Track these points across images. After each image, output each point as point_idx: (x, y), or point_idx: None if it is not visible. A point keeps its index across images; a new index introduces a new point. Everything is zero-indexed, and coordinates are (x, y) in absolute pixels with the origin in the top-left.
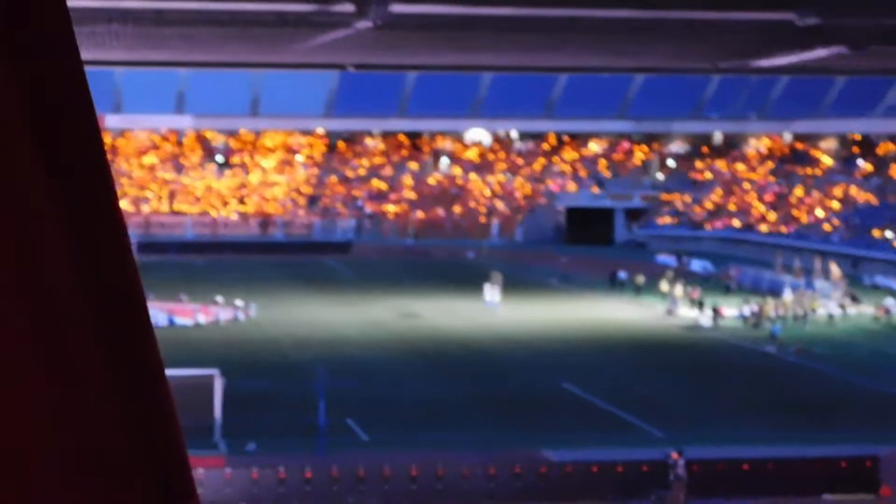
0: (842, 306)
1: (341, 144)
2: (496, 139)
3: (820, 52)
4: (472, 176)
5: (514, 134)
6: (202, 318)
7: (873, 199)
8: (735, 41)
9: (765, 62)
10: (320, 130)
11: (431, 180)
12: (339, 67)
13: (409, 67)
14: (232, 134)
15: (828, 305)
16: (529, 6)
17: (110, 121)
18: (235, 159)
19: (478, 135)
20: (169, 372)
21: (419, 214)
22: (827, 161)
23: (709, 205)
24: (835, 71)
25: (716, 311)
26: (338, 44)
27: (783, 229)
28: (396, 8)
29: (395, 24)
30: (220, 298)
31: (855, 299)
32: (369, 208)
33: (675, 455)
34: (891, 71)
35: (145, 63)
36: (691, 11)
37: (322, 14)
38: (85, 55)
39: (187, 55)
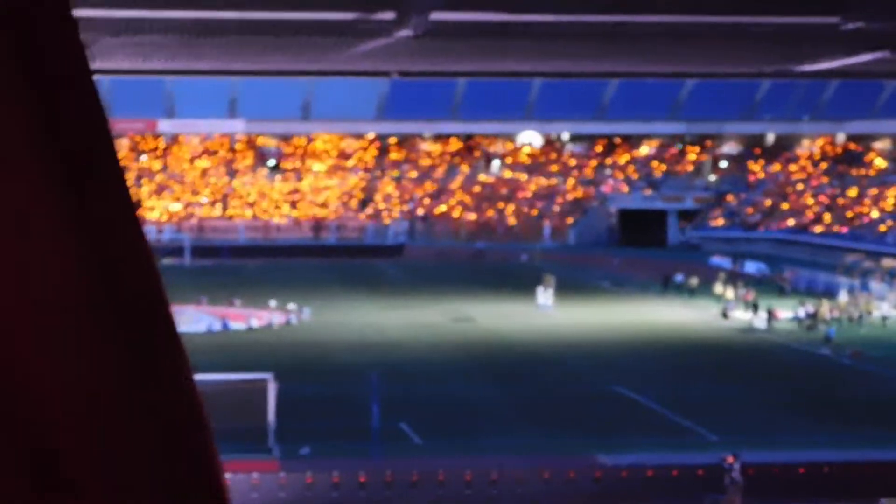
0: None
1: (393, 147)
2: (548, 141)
3: (865, 57)
4: (524, 178)
5: (565, 136)
6: (255, 322)
7: None
8: (780, 46)
9: (810, 67)
10: (371, 134)
11: (483, 182)
12: (384, 75)
13: (452, 74)
14: (284, 138)
15: (883, 307)
16: (571, 13)
17: (163, 126)
18: (287, 164)
19: (529, 137)
20: (222, 376)
21: (471, 217)
22: (880, 162)
23: (762, 206)
24: (880, 75)
25: (770, 314)
26: (380, 52)
27: (837, 230)
28: (436, 16)
29: (436, 31)
30: (273, 302)
31: None
32: (421, 211)
33: (730, 459)
34: None
35: (188, 72)
36: (735, 16)
37: (363, 22)
38: (131, 65)
39: (230, 64)
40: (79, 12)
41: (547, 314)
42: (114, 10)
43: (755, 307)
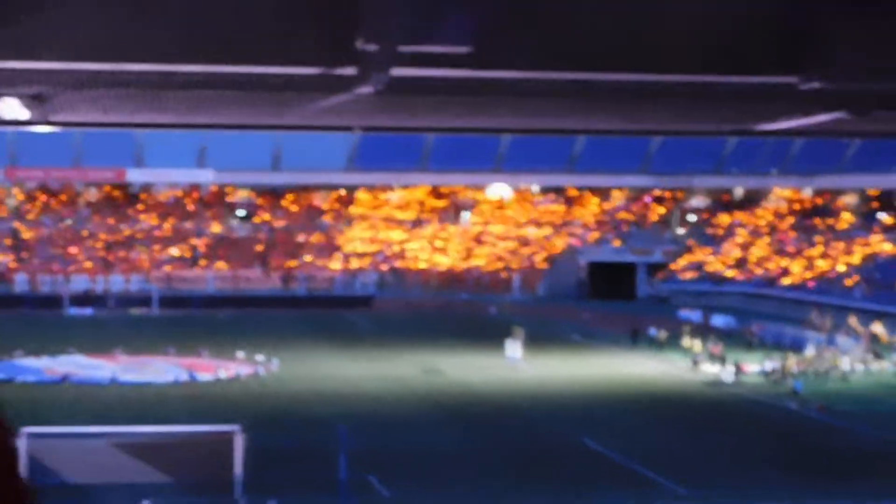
0: (864, 362)
1: (362, 198)
2: (517, 193)
3: (822, 117)
4: (493, 230)
5: (535, 188)
6: (223, 374)
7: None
8: (739, 105)
9: (768, 126)
10: (342, 189)
11: (452, 234)
12: (347, 130)
13: (415, 130)
14: (254, 188)
15: (850, 362)
16: (535, 69)
17: (132, 175)
18: (258, 218)
19: (499, 189)
20: (189, 428)
21: (441, 268)
22: (847, 216)
23: (730, 259)
24: (837, 134)
25: (738, 367)
26: (343, 107)
27: (806, 283)
28: (397, 72)
29: (398, 87)
30: (241, 353)
31: (878, 355)
32: (390, 263)
33: None
34: (893, 135)
35: (151, 125)
36: (696, 75)
37: (325, 78)
38: (94, 118)
39: (194, 118)
40: (39, 65)
41: (516, 367)
42: (75, 62)
43: (723, 360)
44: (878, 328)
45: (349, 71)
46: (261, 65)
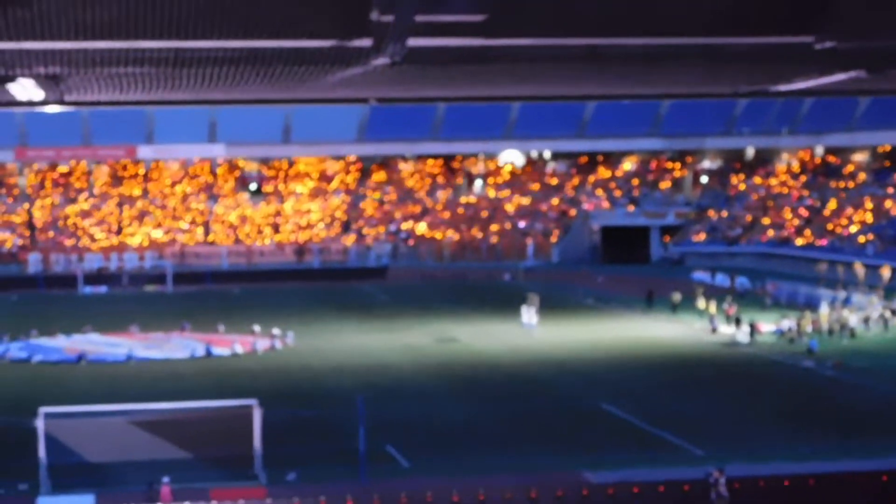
0: (882, 318)
1: (375, 169)
2: (529, 160)
3: (839, 77)
4: (506, 197)
5: (546, 154)
6: (240, 348)
7: None
8: (754, 66)
9: (785, 87)
10: (352, 156)
11: (465, 203)
12: (362, 102)
13: (430, 100)
14: (265, 162)
15: (865, 318)
16: (548, 36)
17: (143, 152)
18: (269, 187)
19: (511, 156)
20: (207, 404)
21: (454, 237)
22: (859, 174)
23: (743, 220)
24: (855, 93)
25: (753, 327)
26: (358, 79)
27: (818, 242)
28: (413, 42)
29: (413, 58)
30: (257, 327)
31: (894, 312)
32: (404, 232)
33: (716, 473)
34: None
35: (164, 102)
36: (709, 38)
37: (340, 50)
38: (107, 97)
39: (207, 94)
40: (53, 45)
41: (531, 333)
42: (88, 41)
43: (738, 321)
44: (885, 271)
45: (364, 43)
46: (276, 39)
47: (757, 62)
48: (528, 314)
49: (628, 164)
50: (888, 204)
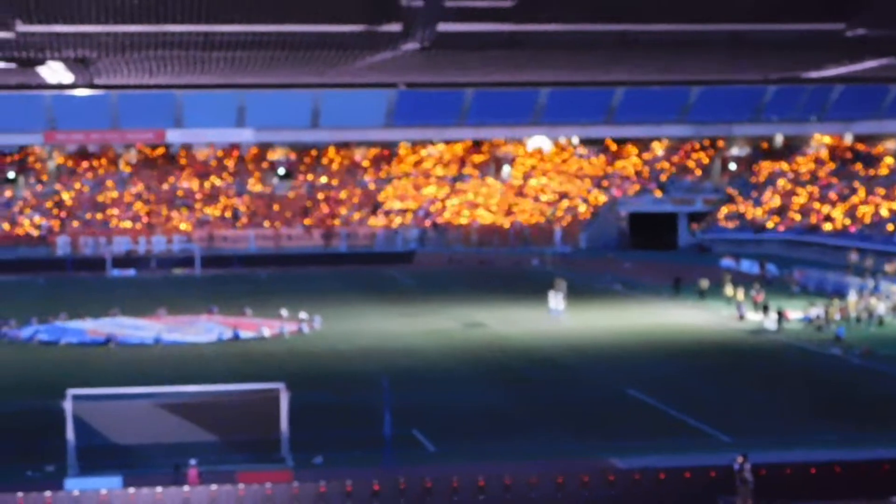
0: None
1: (402, 153)
2: (557, 146)
3: (869, 63)
4: (534, 183)
5: (575, 140)
6: (267, 332)
7: None
8: (784, 53)
9: (815, 73)
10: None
11: (493, 188)
12: (391, 86)
13: (460, 85)
14: (293, 147)
15: (893, 307)
16: (578, 22)
17: (171, 136)
18: (298, 172)
19: (539, 142)
20: (234, 387)
21: (482, 222)
22: (889, 161)
23: (771, 206)
24: (885, 80)
25: (780, 315)
26: (387, 64)
27: (847, 229)
28: (444, 27)
29: (444, 43)
30: (284, 311)
31: None
32: (431, 218)
33: (741, 460)
34: None
35: (194, 86)
36: (740, 24)
37: (370, 35)
38: (137, 80)
39: (236, 78)
40: (83, 28)
41: (559, 318)
42: (118, 25)
43: (765, 308)
44: None
45: (394, 28)
46: (305, 23)
47: (787, 49)
48: (556, 300)
49: (657, 151)
50: None
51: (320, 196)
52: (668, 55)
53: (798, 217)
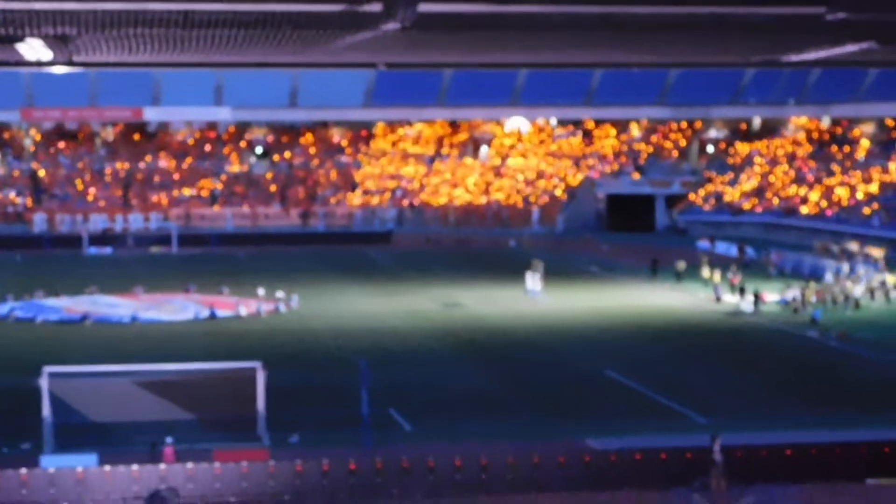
0: (884, 291)
1: (380, 132)
2: (535, 127)
3: (850, 48)
4: (512, 164)
5: (553, 121)
6: (244, 311)
7: None
8: (765, 36)
9: (795, 57)
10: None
11: (471, 168)
12: (371, 66)
13: (439, 66)
14: (271, 126)
15: (868, 289)
16: (558, 4)
17: (149, 113)
18: (276, 152)
19: (517, 123)
20: (211, 365)
21: (459, 203)
22: (865, 144)
23: (748, 189)
24: (864, 64)
25: (757, 297)
26: (367, 44)
27: (824, 212)
28: (424, 7)
29: (424, 24)
30: (261, 290)
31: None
32: (409, 198)
33: (717, 441)
34: None
35: (172, 64)
36: (721, 7)
37: (350, 15)
38: (115, 58)
39: (215, 57)
40: (62, 5)
41: (536, 299)
42: (97, 2)
43: (742, 291)
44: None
45: (374, 7)
46: (285, 2)
47: (768, 32)
48: (533, 281)
49: (634, 133)
50: (894, 175)
51: (298, 175)
52: (650, 37)
53: (776, 201)
